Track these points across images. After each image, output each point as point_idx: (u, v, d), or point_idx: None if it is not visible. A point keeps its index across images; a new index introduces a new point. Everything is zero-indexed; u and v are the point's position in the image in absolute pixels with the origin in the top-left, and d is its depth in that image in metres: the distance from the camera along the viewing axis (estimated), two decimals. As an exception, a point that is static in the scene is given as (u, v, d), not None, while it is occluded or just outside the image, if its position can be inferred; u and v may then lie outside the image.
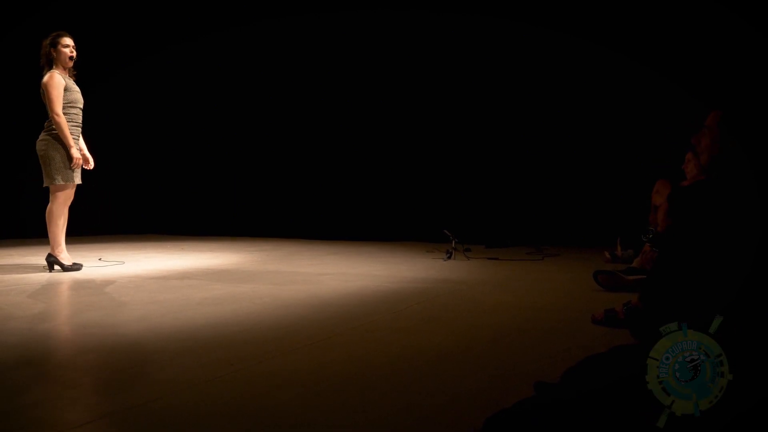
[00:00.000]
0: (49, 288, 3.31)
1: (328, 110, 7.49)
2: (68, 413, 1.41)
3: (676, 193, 2.36)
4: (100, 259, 4.72)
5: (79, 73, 4.15)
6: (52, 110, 3.91)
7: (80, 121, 4.17)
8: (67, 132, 3.93)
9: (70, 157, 3.93)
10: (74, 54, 4.09)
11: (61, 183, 3.94)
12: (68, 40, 4.07)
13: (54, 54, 4.01)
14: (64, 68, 4.06)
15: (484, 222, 6.42)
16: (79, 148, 4.06)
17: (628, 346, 1.96)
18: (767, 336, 1.79)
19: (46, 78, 3.97)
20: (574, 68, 6.15)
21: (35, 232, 6.95)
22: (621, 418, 1.37)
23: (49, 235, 3.99)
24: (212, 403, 1.49)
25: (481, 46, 6.54)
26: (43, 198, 7.09)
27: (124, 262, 4.62)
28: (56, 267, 4.02)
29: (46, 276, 3.82)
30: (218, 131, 8.13)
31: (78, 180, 4.06)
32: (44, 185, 4.04)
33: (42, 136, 4.02)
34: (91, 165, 4.23)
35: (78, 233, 7.27)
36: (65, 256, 4.04)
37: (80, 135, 4.17)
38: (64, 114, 3.96)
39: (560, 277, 3.84)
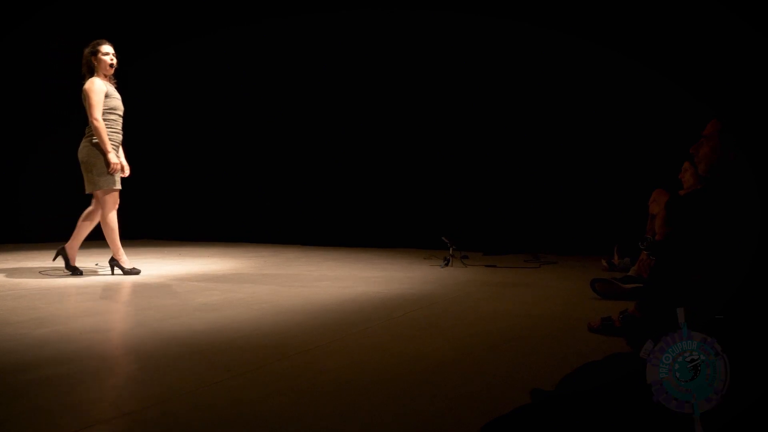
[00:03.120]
0: (46, 293, 3.30)
1: (327, 117, 7.51)
2: (65, 419, 1.41)
3: (673, 201, 2.37)
4: (96, 265, 4.71)
5: (82, 77, 4.16)
6: (92, 115, 3.98)
7: (120, 128, 4.22)
8: (105, 137, 3.99)
9: (107, 162, 3.97)
10: (114, 61, 4.16)
11: (106, 188, 4.01)
12: (108, 48, 4.14)
13: (95, 62, 4.09)
14: (105, 75, 4.13)
15: (481, 229, 6.43)
16: (117, 154, 4.11)
17: (624, 354, 1.97)
18: (767, 336, 1.79)
19: (87, 84, 4.04)
20: (571, 77, 6.17)
21: (34, 237, 6.95)
22: (617, 422, 1.38)
23: (108, 240, 4.11)
24: (210, 409, 1.48)
25: (481, 52, 6.56)
26: (43, 203, 7.09)
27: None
28: (116, 270, 4.16)
29: (43, 281, 3.81)
30: (217, 136, 8.14)
31: (119, 185, 4.12)
32: (86, 192, 4.11)
33: (83, 142, 4.09)
34: (127, 173, 4.27)
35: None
36: (125, 259, 4.18)
37: (120, 142, 4.20)
38: (104, 120, 4.03)
39: (557, 284, 3.85)
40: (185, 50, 7.89)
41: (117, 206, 4.13)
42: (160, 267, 4.74)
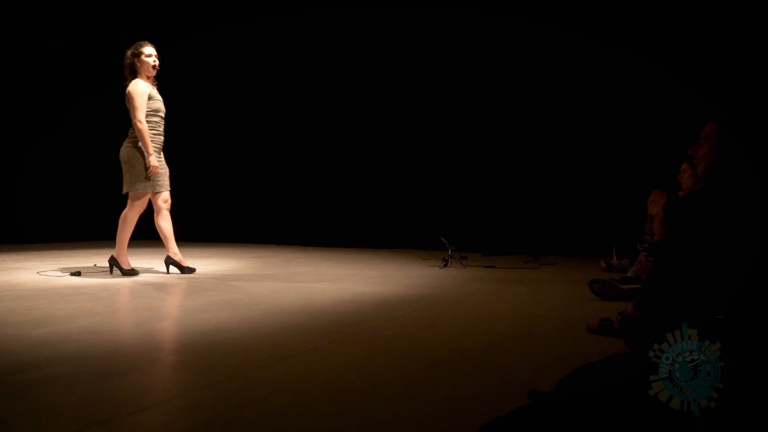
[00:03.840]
0: (44, 294, 3.30)
1: (326, 118, 7.50)
2: (64, 420, 1.41)
3: (671, 203, 2.38)
4: (95, 265, 4.71)
5: (82, 77, 4.18)
6: (135, 117, 3.99)
7: (162, 131, 4.22)
8: (148, 140, 4.01)
9: (147, 165, 4.00)
10: (157, 63, 4.17)
11: (140, 191, 4.03)
12: (151, 49, 4.15)
13: (138, 64, 4.10)
14: (147, 77, 4.14)
15: (480, 230, 6.43)
16: (158, 157, 4.12)
17: (623, 355, 1.97)
18: (767, 337, 1.80)
19: (131, 86, 4.05)
20: (569, 77, 6.17)
21: (34, 238, 6.94)
22: (616, 423, 1.38)
23: (117, 237, 4.09)
24: (208, 411, 1.48)
25: (481, 52, 6.55)
26: (43, 203, 7.09)
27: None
28: (116, 270, 4.13)
29: (41, 281, 3.81)
30: (215, 136, 8.13)
31: (167, 188, 4.16)
32: (123, 192, 4.12)
33: (126, 143, 4.11)
34: (166, 178, 4.25)
35: (74, 239, 7.28)
36: (125, 260, 4.13)
37: (162, 144, 4.22)
38: (147, 122, 4.04)
39: (556, 285, 3.85)
40: (185, 50, 7.88)
41: (142, 211, 4.14)
42: (159, 268, 4.73)
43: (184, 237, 7.82)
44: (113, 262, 4.14)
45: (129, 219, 4.08)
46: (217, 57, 7.98)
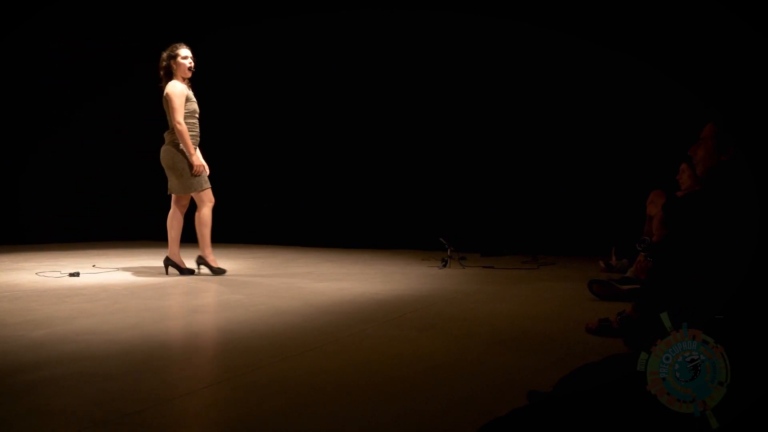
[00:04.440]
0: (42, 295, 3.30)
1: (325, 118, 7.50)
2: (63, 421, 1.41)
3: (670, 203, 2.38)
4: (94, 266, 4.71)
5: (82, 77, 4.19)
6: (174, 119, 4.04)
7: (198, 131, 4.28)
8: (188, 140, 4.07)
9: (191, 165, 4.06)
10: (193, 64, 4.21)
11: (200, 190, 4.11)
12: (187, 52, 4.21)
13: (174, 66, 4.15)
14: (184, 79, 4.18)
15: (479, 230, 6.43)
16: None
17: (622, 355, 1.97)
18: (767, 336, 1.79)
19: (168, 87, 4.09)
20: (569, 78, 6.17)
21: (34, 238, 6.93)
22: (615, 423, 1.38)
23: (201, 238, 4.16)
24: (208, 411, 1.48)
25: (481, 52, 6.54)
26: (43, 203, 7.07)
27: (117, 269, 4.60)
28: (204, 269, 4.20)
29: (39, 282, 3.80)
30: (214, 137, 8.11)
31: (209, 183, 4.19)
32: (175, 193, 4.21)
33: (166, 147, 4.17)
34: (208, 171, 4.29)
35: (71, 240, 7.27)
36: (213, 258, 4.20)
37: (198, 143, 4.26)
38: (186, 123, 4.09)
39: (555, 286, 3.85)
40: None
41: (213, 204, 4.19)
42: (158, 268, 4.73)
43: (184, 237, 7.83)
44: (202, 262, 4.19)
45: (206, 217, 4.14)
46: (217, 57, 7.97)
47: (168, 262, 4.24)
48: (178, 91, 4.07)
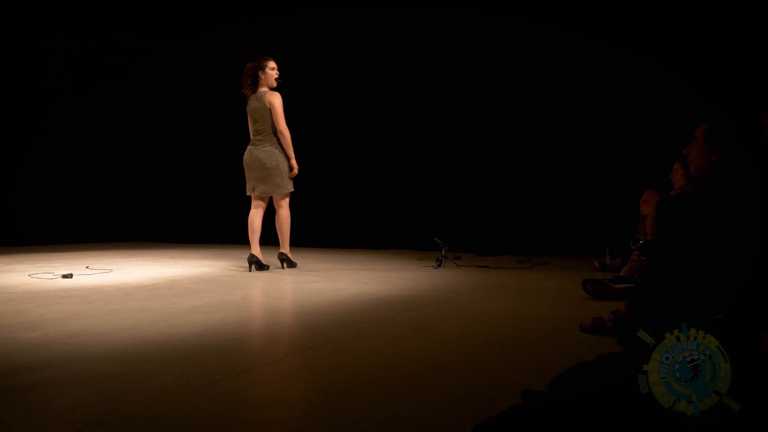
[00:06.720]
0: (35, 296, 3.29)
1: (324, 118, 7.48)
2: (56, 423, 1.41)
3: (663, 202, 2.39)
4: (87, 267, 4.69)
5: (82, 77, 4.18)
6: (280, 124, 4.49)
7: None
8: (291, 144, 4.52)
9: (290, 167, 4.55)
10: (278, 75, 4.63)
11: (288, 191, 4.57)
12: (273, 64, 4.65)
13: (261, 76, 4.59)
14: (269, 88, 4.58)
15: (474, 230, 6.44)
16: None
17: (616, 354, 1.98)
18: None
19: (272, 97, 4.51)
20: (567, 78, 6.18)
21: (33, 239, 6.90)
22: (609, 423, 1.38)
23: (284, 236, 4.63)
24: (202, 412, 1.48)
25: (481, 52, 6.54)
26: (43, 203, 7.02)
27: (111, 270, 4.59)
28: (285, 265, 4.64)
29: (32, 284, 3.79)
30: (212, 137, 8.10)
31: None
32: (271, 194, 4.59)
33: (270, 149, 4.54)
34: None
35: (66, 241, 7.24)
36: (291, 255, 4.64)
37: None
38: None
39: (549, 285, 3.86)
40: (185, 50, 7.85)
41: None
42: (152, 269, 4.72)
43: (178, 239, 7.82)
44: (284, 258, 4.63)
45: (289, 217, 4.62)
46: (217, 57, 7.95)
47: (253, 259, 4.50)
48: (281, 99, 4.49)
